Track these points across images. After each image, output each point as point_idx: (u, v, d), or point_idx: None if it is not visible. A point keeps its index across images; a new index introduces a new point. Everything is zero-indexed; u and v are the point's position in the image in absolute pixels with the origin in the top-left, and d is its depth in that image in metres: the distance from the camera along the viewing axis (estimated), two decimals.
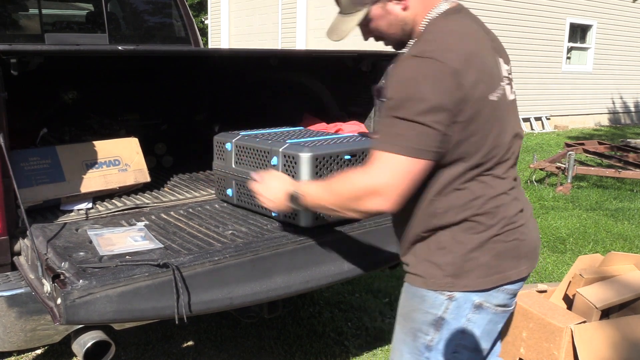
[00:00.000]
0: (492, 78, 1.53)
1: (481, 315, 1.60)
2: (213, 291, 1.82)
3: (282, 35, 14.45)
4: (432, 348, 1.63)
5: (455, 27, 1.53)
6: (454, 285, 1.56)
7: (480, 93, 1.47)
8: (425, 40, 1.50)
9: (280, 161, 2.13)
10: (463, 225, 1.55)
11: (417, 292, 1.62)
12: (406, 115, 1.42)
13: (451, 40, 1.49)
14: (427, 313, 1.61)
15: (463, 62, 1.44)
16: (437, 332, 1.61)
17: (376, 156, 1.46)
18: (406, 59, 1.48)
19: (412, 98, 1.41)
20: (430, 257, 1.59)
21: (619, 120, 14.85)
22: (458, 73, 1.43)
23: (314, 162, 2.04)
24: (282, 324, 3.33)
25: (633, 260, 3.19)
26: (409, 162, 1.42)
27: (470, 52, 1.48)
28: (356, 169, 1.53)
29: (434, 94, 1.41)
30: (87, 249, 1.90)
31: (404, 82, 1.44)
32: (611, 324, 2.73)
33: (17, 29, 4.08)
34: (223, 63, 3.77)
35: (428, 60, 1.43)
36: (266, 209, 2.24)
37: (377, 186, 1.44)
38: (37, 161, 2.33)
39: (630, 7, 13.92)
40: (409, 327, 1.67)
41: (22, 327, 1.93)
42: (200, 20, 22.22)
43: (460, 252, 1.55)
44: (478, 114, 1.47)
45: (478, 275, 1.56)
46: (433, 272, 1.58)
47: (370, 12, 1.58)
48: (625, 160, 7.46)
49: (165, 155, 3.44)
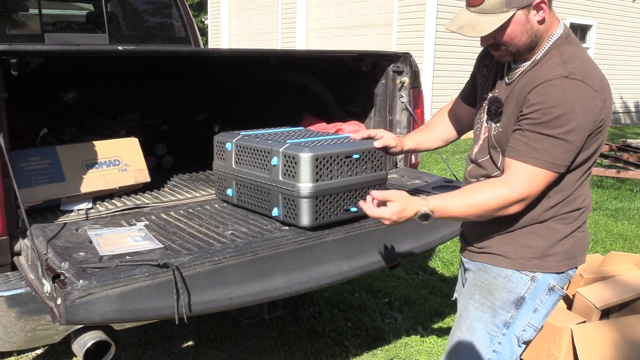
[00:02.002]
0: (611, 92, 1.68)
1: (550, 297, 1.77)
2: (213, 291, 1.82)
3: (282, 35, 14.45)
4: (510, 325, 1.78)
5: (583, 51, 1.67)
6: (539, 267, 1.73)
7: (611, 108, 1.64)
8: (566, 61, 1.61)
9: (281, 161, 2.13)
10: (560, 217, 1.71)
11: (502, 272, 1.76)
12: (554, 133, 1.56)
13: (588, 65, 1.62)
14: (511, 292, 1.75)
15: (600, 86, 1.60)
16: (517, 310, 1.77)
17: (520, 168, 1.61)
18: (554, 79, 1.58)
19: (563, 117, 1.55)
20: (519, 239, 1.73)
21: (619, 120, 14.84)
22: (601, 95, 1.59)
23: (314, 163, 2.04)
24: (282, 324, 3.33)
25: (633, 260, 3.19)
26: (549, 175, 1.60)
27: (601, 75, 1.63)
28: (494, 180, 1.69)
29: (582, 116, 1.56)
30: (87, 249, 1.90)
31: (556, 101, 1.56)
32: (611, 324, 2.74)
33: (17, 29, 4.08)
34: (223, 63, 3.77)
35: (578, 83, 1.56)
36: (265, 209, 2.24)
37: (522, 197, 1.61)
38: (37, 161, 2.33)
39: (630, 7, 13.92)
40: (488, 305, 1.79)
41: (22, 327, 1.93)
42: (200, 20, 22.21)
43: (551, 239, 1.71)
44: (606, 128, 1.65)
45: (559, 259, 1.73)
46: (522, 254, 1.73)
47: (515, 15, 1.61)
48: (625, 160, 7.46)
49: (165, 156, 3.44)
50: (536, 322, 1.80)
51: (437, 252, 4.57)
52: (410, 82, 2.91)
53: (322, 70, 3.29)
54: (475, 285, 1.83)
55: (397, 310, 3.58)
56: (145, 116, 3.69)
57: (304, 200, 2.05)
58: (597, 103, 1.58)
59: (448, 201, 1.66)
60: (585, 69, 1.60)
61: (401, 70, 2.91)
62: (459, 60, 10.66)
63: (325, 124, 3.09)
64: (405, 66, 2.90)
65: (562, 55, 1.62)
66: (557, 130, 1.55)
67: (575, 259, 1.76)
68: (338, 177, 2.12)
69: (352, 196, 2.18)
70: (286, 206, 2.14)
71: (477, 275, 1.83)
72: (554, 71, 1.60)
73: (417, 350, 3.11)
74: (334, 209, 2.13)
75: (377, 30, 11.96)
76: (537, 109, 1.58)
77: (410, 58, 2.90)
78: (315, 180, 2.05)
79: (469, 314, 1.85)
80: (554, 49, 1.65)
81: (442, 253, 4.57)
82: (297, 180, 2.05)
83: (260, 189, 2.25)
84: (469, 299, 1.85)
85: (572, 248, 1.74)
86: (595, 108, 1.58)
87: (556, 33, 1.67)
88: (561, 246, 1.72)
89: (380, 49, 9.71)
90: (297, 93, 3.43)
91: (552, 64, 1.62)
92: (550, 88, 1.57)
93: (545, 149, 1.57)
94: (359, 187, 2.19)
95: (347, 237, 2.13)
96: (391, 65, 2.92)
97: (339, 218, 2.16)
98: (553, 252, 1.72)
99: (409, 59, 2.89)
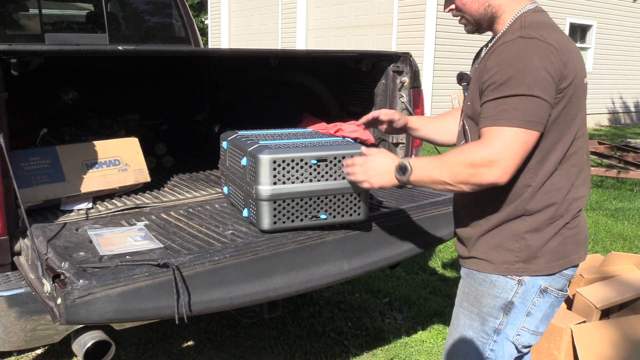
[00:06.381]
0: (583, 63, 1.64)
1: (544, 299, 1.70)
2: (213, 291, 1.82)
3: (282, 35, 14.45)
4: (501, 331, 1.72)
5: (548, 20, 1.64)
6: (525, 270, 1.66)
7: (579, 75, 1.58)
8: (524, 26, 1.57)
9: (248, 162, 2.07)
10: (545, 213, 1.62)
11: (487, 278, 1.71)
12: (517, 91, 1.49)
13: (549, 29, 1.58)
14: (497, 298, 1.70)
15: (563, 45, 1.55)
16: (506, 315, 1.71)
17: (492, 131, 1.52)
18: (510, 40, 1.55)
19: (522, 72, 1.49)
20: (502, 243, 1.66)
21: (619, 120, 14.85)
22: (561, 52, 1.53)
23: (271, 165, 1.96)
24: (282, 324, 3.33)
25: (633, 261, 3.19)
26: (525, 134, 1.50)
27: (566, 39, 1.59)
28: (470, 143, 1.60)
29: (542, 68, 1.49)
30: (87, 249, 1.90)
31: (511, 60, 1.51)
32: (611, 324, 2.73)
33: (17, 29, 4.08)
34: (223, 63, 3.77)
35: (534, 40, 1.52)
36: (241, 210, 2.20)
37: (495, 157, 1.50)
38: (37, 161, 2.33)
39: (630, 7, 13.92)
40: (476, 312, 1.75)
41: (22, 327, 1.93)
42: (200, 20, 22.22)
43: (536, 240, 1.64)
44: (575, 94, 1.57)
45: (547, 260, 1.65)
46: (505, 258, 1.66)
47: None
48: (625, 160, 7.46)
49: (165, 155, 3.44)
50: (532, 325, 1.73)
51: (437, 252, 4.57)
52: (410, 82, 2.91)
53: (322, 70, 3.29)
54: (463, 292, 1.80)
55: (397, 310, 3.58)
56: (145, 116, 3.69)
57: (263, 203, 1.99)
58: (559, 57, 1.52)
59: (426, 160, 1.65)
60: (545, 30, 1.55)
61: (401, 70, 2.91)
62: (459, 60, 10.65)
63: (325, 124, 3.09)
64: (405, 66, 2.90)
65: (522, 21, 1.60)
66: (520, 87, 1.49)
67: (567, 257, 1.68)
68: (302, 181, 2.00)
69: (320, 203, 2.03)
70: (250, 208, 2.10)
71: (465, 282, 1.79)
72: (511, 35, 1.58)
73: (417, 350, 3.11)
74: (297, 214, 2.03)
75: (377, 30, 11.96)
76: (495, 71, 1.53)
77: (410, 58, 2.90)
78: (273, 183, 1.97)
79: (459, 322, 1.81)
80: (517, 20, 1.63)
81: (442, 253, 4.57)
82: (257, 182, 1.99)
83: (238, 188, 2.23)
84: (459, 307, 1.82)
85: (560, 247, 1.66)
86: (557, 62, 1.51)
87: (525, 8, 1.65)
88: (548, 247, 1.65)
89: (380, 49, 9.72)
90: (297, 93, 3.42)
91: (511, 30, 1.61)
92: (506, 48, 1.55)
93: (514, 107, 1.50)
94: (329, 194, 2.03)
95: (347, 237, 2.13)
96: (391, 65, 2.91)
97: (304, 224, 2.05)
98: (539, 254, 1.65)
99: (409, 59, 2.89)
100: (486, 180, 1.52)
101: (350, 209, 2.07)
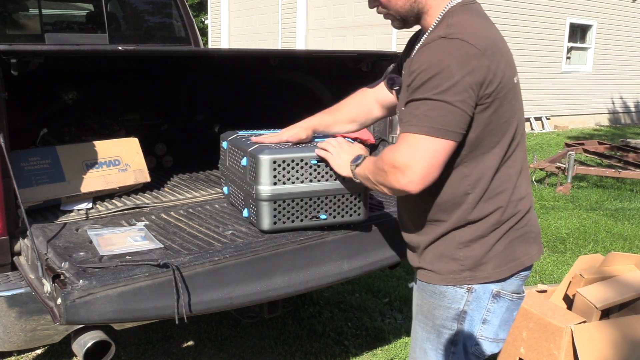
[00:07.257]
0: (512, 61, 1.56)
1: (499, 304, 1.63)
2: (213, 291, 1.82)
3: (282, 35, 14.45)
4: (457, 342, 1.66)
5: (477, 16, 1.55)
6: (473, 279, 1.60)
7: (507, 76, 1.50)
8: (449, 25, 1.49)
9: (248, 162, 2.07)
10: (490, 218, 1.57)
11: (436, 289, 1.65)
12: (430, 95, 1.42)
13: (476, 26, 1.50)
14: (448, 309, 1.64)
15: (488, 47, 1.45)
16: (460, 325, 1.64)
17: (403, 138, 1.48)
18: (432, 41, 1.47)
19: (437, 76, 1.41)
20: (447, 252, 1.61)
21: (619, 120, 14.85)
22: (485, 55, 1.44)
23: (271, 165, 1.96)
24: (282, 324, 3.33)
25: (633, 261, 3.19)
26: (435, 143, 1.42)
27: (494, 38, 1.51)
28: (391, 146, 1.57)
29: (459, 73, 1.40)
30: (87, 249, 1.90)
31: (430, 62, 1.43)
32: (611, 324, 2.73)
33: (17, 29, 4.08)
34: (223, 63, 3.77)
35: (456, 42, 1.43)
36: (241, 210, 2.21)
37: (400, 162, 1.46)
38: (37, 161, 2.33)
39: (630, 7, 13.91)
40: (431, 325, 1.70)
41: (22, 327, 1.93)
42: (200, 20, 22.22)
43: (480, 246, 1.58)
44: (506, 96, 1.49)
45: (495, 265, 1.59)
46: (451, 267, 1.61)
47: None
48: (625, 160, 7.46)
49: (165, 155, 3.44)
50: (490, 333, 1.65)
51: None
52: None
53: (322, 70, 3.29)
54: (417, 304, 1.75)
55: (397, 310, 3.58)
56: (145, 116, 3.69)
57: (263, 203, 1.99)
58: (482, 62, 1.42)
59: (370, 158, 1.68)
60: (471, 30, 1.46)
61: None
62: None
63: None
64: None
65: (449, 20, 1.52)
66: (432, 91, 1.41)
67: (517, 260, 1.61)
68: (302, 181, 2.00)
69: (321, 203, 2.04)
70: (250, 208, 2.10)
71: (418, 294, 1.75)
72: (435, 34, 1.50)
73: None
74: (297, 214, 2.03)
75: (377, 30, 11.96)
76: (416, 75, 1.46)
77: None
78: (273, 184, 1.97)
79: (417, 335, 1.76)
80: (445, 17, 1.54)
81: None
82: (257, 183, 1.99)
83: (238, 189, 2.24)
84: (415, 320, 1.77)
85: (508, 250, 1.59)
86: (479, 68, 1.42)
87: (453, 2, 1.56)
88: (494, 251, 1.58)
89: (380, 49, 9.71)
90: (297, 93, 3.42)
91: (438, 28, 1.53)
92: (427, 50, 1.46)
93: (423, 113, 1.42)
94: (329, 194, 2.03)
95: (347, 237, 2.13)
96: (391, 65, 2.91)
97: (304, 224, 2.05)
98: (485, 260, 1.58)
99: None
100: (395, 185, 1.49)
101: (350, 209, 2.07)
